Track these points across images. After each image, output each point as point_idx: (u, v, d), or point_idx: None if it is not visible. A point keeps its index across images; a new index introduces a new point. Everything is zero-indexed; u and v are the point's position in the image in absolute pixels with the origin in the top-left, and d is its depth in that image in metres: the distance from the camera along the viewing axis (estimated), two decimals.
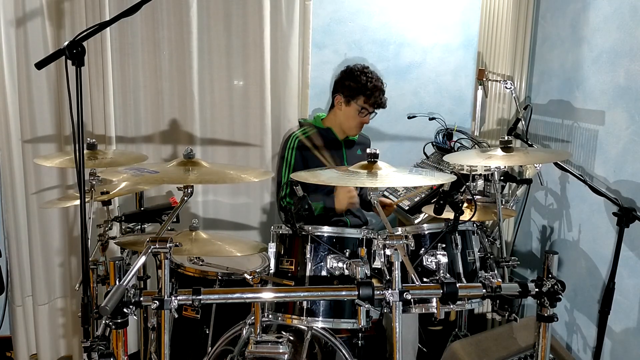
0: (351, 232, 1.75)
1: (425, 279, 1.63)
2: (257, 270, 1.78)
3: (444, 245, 1.69)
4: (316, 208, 2.35)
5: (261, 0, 2.64)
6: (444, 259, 1.64)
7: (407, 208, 2.62)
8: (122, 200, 2.67)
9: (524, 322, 2.22)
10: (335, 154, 2.53)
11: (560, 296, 1.35)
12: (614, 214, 1.96)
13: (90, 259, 1.98)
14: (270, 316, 1.71)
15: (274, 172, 2.73)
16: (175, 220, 1.95)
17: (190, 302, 1.27)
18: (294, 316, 1.69)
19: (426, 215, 2.48)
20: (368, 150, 1.60)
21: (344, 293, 1.36)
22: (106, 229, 2.13)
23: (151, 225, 2.42)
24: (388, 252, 1.32)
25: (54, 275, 2.79)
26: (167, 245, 1.26)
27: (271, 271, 1.76)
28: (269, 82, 2.73)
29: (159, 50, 2.66)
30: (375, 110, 2.50)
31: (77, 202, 1.95)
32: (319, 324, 1.69)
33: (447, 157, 2.08)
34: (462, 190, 2.15)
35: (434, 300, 1.67)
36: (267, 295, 1.39)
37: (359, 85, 2.43)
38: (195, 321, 2.03)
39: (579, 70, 2.38)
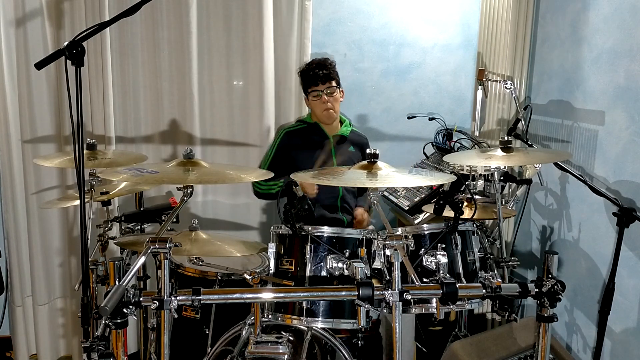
0: (351, 233, 1.75)
1: (425, 279, 1.63)
2: (257, 271, 1.78)
3: (443, 246, 1.69)
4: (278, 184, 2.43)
5: (261, 0, 2.64)
6: (443, 259, 1.63)
7: (407, 208, 2.62)
8: (121, 200, 2.67)
9: (523, 322, 2.22)
10: (322, 149, 2.56)
11: (560, 296, 1.35)
12: (614, 214, 1.96)
13: (90, 259, 1.97)
14: (270, 316, 1.71)
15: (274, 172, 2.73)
16: (174, 220, 1.95)
17: (190, 302, 1.26)
18: (293, 316, 1.69)
19: (426, 215, 2.48)
20: (368, 151, 1.60)
21: (343, 293, 1.36)
22: (106, 229, 2.13)
23: (151, 226, 2.42)
24: (388, 252, 1.32)
25: (54, 276, 2.79)
26: (167, 245, 1.26)
27: (271, 271, 1.75)
28: (268, 83, 2.73)
29: (159, 51, 2.66)
30: (333, 85, 2.49)
31: (77, 202, 1.96)
32: (319, 324, 1.69)
33: (447, 158, 2.08)
34: (462, 190, 2.15)
35: (434, 300, 1.66)
36: (267, 295, 1.39)
37: (300, 77, 2.59)
38: (195, 321, 2.03)
39: (579, 71, 2.38)
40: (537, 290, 1.37)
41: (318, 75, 2.47)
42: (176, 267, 2.05)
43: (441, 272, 1.61)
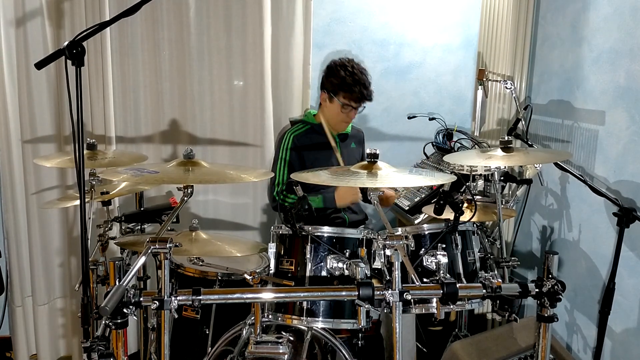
0: (351, 232, 1.75)
1: (425, 279, 1.63)
2: (257, 271, 1.78)
3: (444, 246, 1.69)
4: (313, 201, 2.30)
5: (261, 0, 2.64)
6: (444, 259, 1.63)
7: (407, 208, 2.62)
8: (122, 200, 2.67)
9: (524, 323, 2.22)
10: (331, 150, 2.52)
11: (560, 296, 1.35)
12: (614, 214, 1.96)
13: (90, 259, 1.97)
14: (270, 316, 1.71)
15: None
16: (175, 220, 1.95)
17: (190, 302, 1.26)
18: (294, 316, 1.69)
19: (426, 215, 2.48)
20: (368, 151, 1.60)
21: (344, 293, 1.36)
22: (106, 229, 2.13)
23: (151, 226, 2.42)
24: (388, 252, 1.32)
25: (54, 276, 2.79)
26: (167, 245, 1.26)
27: (271, 271, 1.75)
28: (269, 83, 2.73)
29: (159, 51, 2.66)
30: (363, 105, 2.44)
31: (77, 202, 1.95)
32: (319, 324, 1.69)
33: (447, 157, 2.08)
34: (462, 190, 2.15)
35: (434, 300, 1.66)
36: (267, 295, 1.39)
37: (339, 81, 2.37)
38: (195, 321, 2.03)
39: (579, 71, 2.38)
40: (537, 290, 1.37)
41: (362, 94, 2.37)
42: (176, 267, 2.05)
43: (441, 272, 1.61)
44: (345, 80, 2.35)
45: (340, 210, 2.52)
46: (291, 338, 1.76)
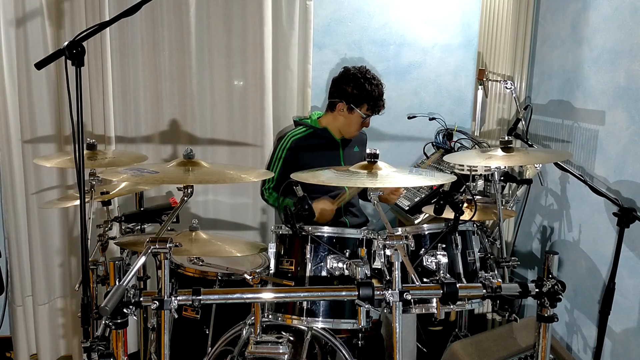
0: (351, 233, 1.75)
1: (425, 279, 1.63)
2: (257, 271, 1.78)
3: (444, 246, 1.69)
4: (288, 204, 2.26)
5: (261, 0, 2.64)
6: (444, 259, 1.64)
7: (407, 208, 2.62)
8: (122, 200, 2.67)
9: (524, 323, 2.22)
10: (332, 155, 2.52)
11: (560, 296, 1.35)
12: (614, 214, 1.96)
13: (90, 259, 1.97)
14: (270, 316, 1.71)
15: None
16: (175, 220, 1.95)
17: (190, 302, 1.26)
18: (294, 316, 1.69)
19: (426, 215, 2.48)
20: (368, 151, 1.60)
21: (344, 293, 1.36)
22: (106, 229, 2.13)
23: (151, 226, 2.42)
24: (388, 252, 1.32)
25: (54, 275, 2.79)
26: (167, 245, 1.26)
27: (271, 271, 1.76)
28: (268, 83, 2.73)
29: (159, 51, 2.66)
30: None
31: (77, 202, 1.96)
32: (319, 324, 1.69)
33: (447, 157, 2.08)
34: (462, 190, 2.15)
35: (434, 300, 1.66)
36: (267, 295, 1.39)
37: (364, 94, 2.37)
38: (195, 321, 2.03)
39: (579, 71, 2.38)
40: (537, 290, 1.37)
41: (382, 107, 2.43)
42: (176, 267, 2.05)
43: (441, 272, 1.62)
44: (372, 95, 2.38)
45: (341, 214, 2.52)
46: (291, 338, 1.76)
